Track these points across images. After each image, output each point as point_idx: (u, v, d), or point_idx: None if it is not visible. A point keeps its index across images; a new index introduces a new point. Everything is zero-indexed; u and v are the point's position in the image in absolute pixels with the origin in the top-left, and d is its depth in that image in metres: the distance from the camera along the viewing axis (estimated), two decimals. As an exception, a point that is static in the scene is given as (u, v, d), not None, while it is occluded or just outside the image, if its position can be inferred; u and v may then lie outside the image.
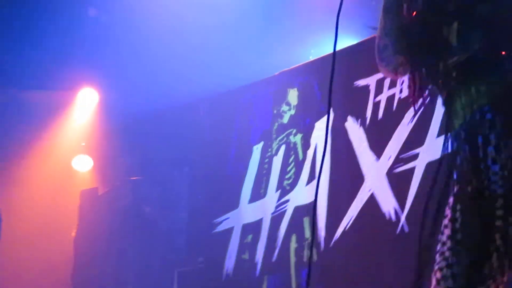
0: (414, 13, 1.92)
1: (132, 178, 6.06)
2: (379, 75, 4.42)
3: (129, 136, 6.27)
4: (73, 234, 6.26)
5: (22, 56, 5.74)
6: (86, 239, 6.15)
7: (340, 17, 2.14)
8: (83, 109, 6.56)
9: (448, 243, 1.77)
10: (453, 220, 1.76)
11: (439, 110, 4.11)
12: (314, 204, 2.54)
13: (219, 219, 5.18)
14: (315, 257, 4.44)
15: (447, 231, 1.79)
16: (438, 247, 1.80)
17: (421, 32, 1.92)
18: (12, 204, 5.50)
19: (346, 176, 4.49)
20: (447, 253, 1.77)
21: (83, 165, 6.68)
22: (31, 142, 6.24)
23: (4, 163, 5.73)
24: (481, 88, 1.80)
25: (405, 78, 4.78)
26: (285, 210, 4.75)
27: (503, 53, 1.85)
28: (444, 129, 1.82)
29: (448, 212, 1.80)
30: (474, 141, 1.77)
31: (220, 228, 5.17)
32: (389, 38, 1.95)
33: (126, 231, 5.81)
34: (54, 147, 6.50)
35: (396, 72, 1.97)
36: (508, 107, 1.77)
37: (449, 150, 1.81)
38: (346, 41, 4.83)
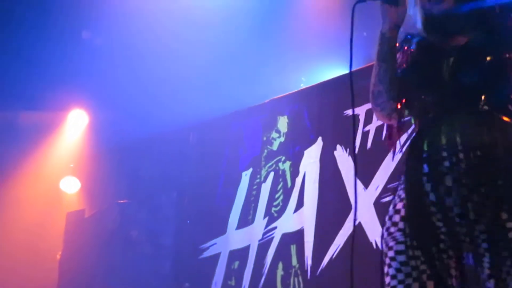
0: (408, 58, 2.02)
1: (119, 201, 6.04)
2: (369, 105, 4.50)
3: (118, 159, 6.27)
4: (58, 256, 6.25)
5: (12, 78, 5.74)
6: (72, 261, 6.13)
7: (331, 47, 2.18)
8: (72, 131, 6.56)
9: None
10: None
11: None
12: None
13: (206, 245, 5.16)
14: (301, 285, 4.41)
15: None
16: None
17: (415, 77, 1.99)
18: (-2, 224, 5.51)
19: (334, 204, 4.44)
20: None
21: (71, 186, 6.66)
22: (19, 162, 6.25)
23: None
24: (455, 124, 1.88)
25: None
26: (273, 237, 4.73)
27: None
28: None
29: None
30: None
31: (207, 253, 5.14)
32: (383, 85, 2.02)
33: (112, 255, 5.79)
34: (42, 168, 6.49)
35: (390, 118, 2.04)
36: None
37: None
38: (336, 71, 4.88)
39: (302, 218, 4.59)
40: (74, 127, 6.56)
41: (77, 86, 5.98)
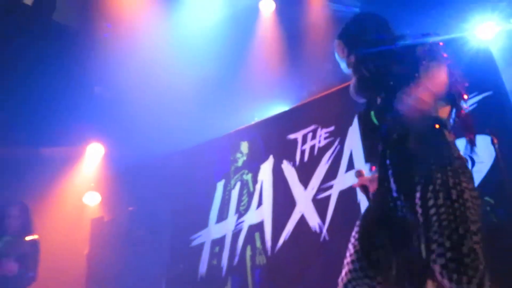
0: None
1: (129, 209, 6.05)
2: (304, 131, 4.65)
3: (128, 178, 6.22)
4: (86, 252, 6.20)
5: (40, 119, 5.61)
6: (96, 256, 6.09)
7: (275, 88, 2.35)
8: (92, 158, 6.53)
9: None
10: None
11: (346, 153, 4.43)
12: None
13: (194, 236, 5.13)
14: (264, 261, 4.46)
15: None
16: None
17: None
18: (37, 232, 5.38)
19: (284, 202, 4.53)
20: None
21: (93, 199, 6.57)
22: (50, 185, 6.08)
23: (31, 203, 5.48)
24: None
25: (322, 133, 5.11)
26: (242, 228, 4.75)
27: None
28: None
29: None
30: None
31: (195, 243, 5.11)
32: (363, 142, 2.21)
33: (125, 249, 5.77)
34: (69, 187, 6.39)
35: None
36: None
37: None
38: (279, 107, 5.04)
39: (262, 213, 4.64)
40: (93, 156, 6.52)
41: (93, 126, 6.01)
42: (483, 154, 3.41)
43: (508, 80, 4.14)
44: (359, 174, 2.13)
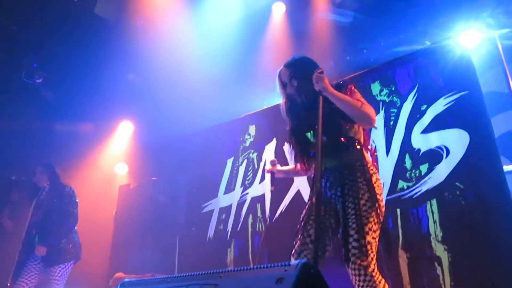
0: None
1: (152, 178, 6.10)
2: None
3: (152, 152, 6.26)
4: (114, 213, 6.30)
5: (82, 99, 5.71)
6: (122, 217, 6.18)
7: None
8: (123, 135, 6.59)
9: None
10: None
11: None
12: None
13: (205, 204, 5.14)
14: (263, 228, 4.45)
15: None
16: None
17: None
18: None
19: (283, 178, 4.45)
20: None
21: (122, 169, 6.69)
22: (87, 155, 6.16)
23: (70, 170, 5.44)
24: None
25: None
26: (246, 199, 4.74)
27: (343, 139, 2.15)
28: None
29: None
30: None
31: (205, 210, 5.12)
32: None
33: (148, 212, 5.83)
34: (103, 158, 6.48)
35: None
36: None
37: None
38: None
39: (264, 187, 4.61)
40: (124, 132, 6.57)
41: (126, 106, 6.07)
42: (456, 145, 3.41)
43: (486, 82, 4.10)
44: (273, 163, 2.45)
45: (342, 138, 2.12)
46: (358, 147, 2.16)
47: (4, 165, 5.16)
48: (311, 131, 2.21)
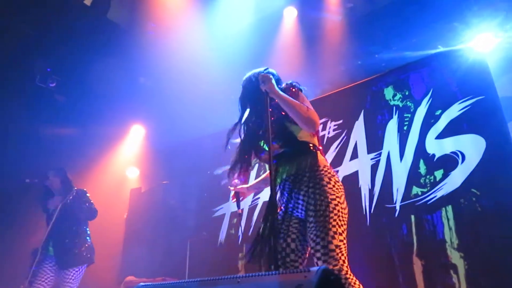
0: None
1: (163, 182, 6.09)
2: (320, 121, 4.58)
3: (163, 156, 6.25)
4: (125, 216, 6.30)
5: (93, 103, 5.69)
6: (133, 220, 6.18)
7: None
8: (134, 138, 6.58)
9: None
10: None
11: (351, 143, 4.35)
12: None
13: (216, 208, 5.16)
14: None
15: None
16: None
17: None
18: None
19: None
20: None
21: (133, 173, 6.68)
22: (98, 159, 6.14)
23: (81, 173, 5.46)
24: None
25: (332, 125, 4.98)
26: (257, 204, 4.74)
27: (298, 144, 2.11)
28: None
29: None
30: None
31: (217, 214, 5.14)
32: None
33: (158, 216, 5.82)
34: (114, 162, 6.46)
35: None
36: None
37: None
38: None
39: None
40: (135, 136, 6.54)
41: (137, 110, 6.02)
42: (472, 151, 3.35)
43: (502, 86, 4.03)
44: (234, 184, 2.38)
45: (297, 143, 2.09)
46: (314, 151, 2.11)
47: (18, 168, 5.17)
48: (262, 140, 2.17)
